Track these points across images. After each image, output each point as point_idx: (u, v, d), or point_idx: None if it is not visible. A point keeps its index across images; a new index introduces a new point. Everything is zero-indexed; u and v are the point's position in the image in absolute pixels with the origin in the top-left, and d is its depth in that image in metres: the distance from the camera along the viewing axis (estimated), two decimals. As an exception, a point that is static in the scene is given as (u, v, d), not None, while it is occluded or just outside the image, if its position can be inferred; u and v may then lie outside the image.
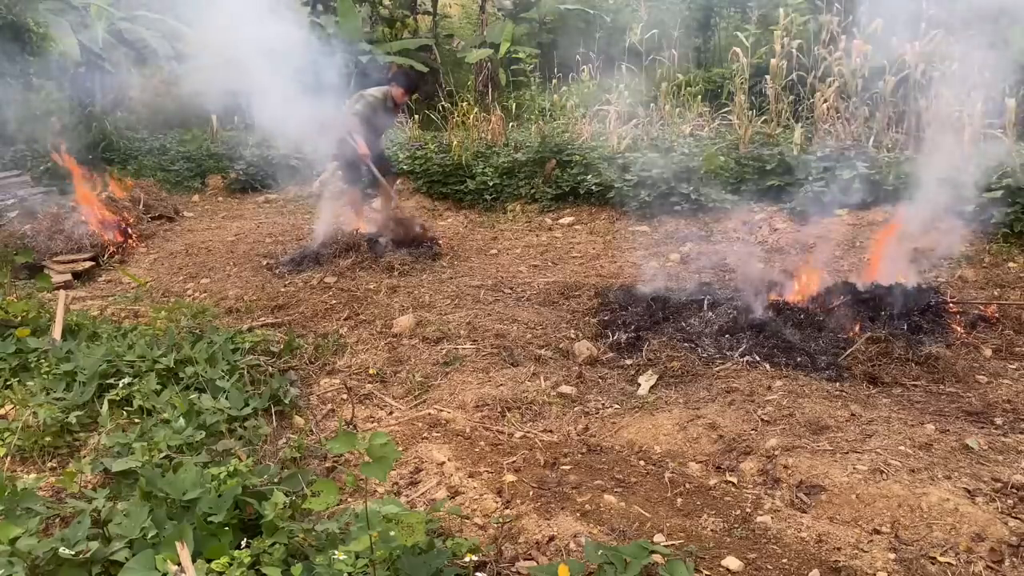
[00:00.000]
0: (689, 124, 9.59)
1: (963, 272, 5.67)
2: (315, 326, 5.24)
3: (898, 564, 2.63)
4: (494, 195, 8.94)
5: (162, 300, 5.97)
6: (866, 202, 7.11)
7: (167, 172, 10.72)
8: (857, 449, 3.29)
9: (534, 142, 9.29)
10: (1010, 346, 4.52)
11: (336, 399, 4.21)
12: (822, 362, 4.29)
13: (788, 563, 2.67)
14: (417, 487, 3.29)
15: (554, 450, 3.57)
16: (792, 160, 7.66)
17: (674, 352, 4.53)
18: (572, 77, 12.42)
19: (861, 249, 6.33)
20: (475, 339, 4.83)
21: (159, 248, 7.80)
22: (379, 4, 15.40)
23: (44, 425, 3.60)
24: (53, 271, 6.76)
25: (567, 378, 4.32)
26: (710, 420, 3.66)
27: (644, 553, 2.44)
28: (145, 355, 4.15)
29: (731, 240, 7.14)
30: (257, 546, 2.39)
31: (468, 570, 2.45)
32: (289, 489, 2.88)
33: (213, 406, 3.66)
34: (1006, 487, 2.99)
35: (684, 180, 7.86)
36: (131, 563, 2.29)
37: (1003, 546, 2.67)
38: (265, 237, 7.94)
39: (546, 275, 6.34)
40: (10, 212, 8.04)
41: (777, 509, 3.01)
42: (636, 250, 7.00)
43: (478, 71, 14.07)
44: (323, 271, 6.38)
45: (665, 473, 3.32)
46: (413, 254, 6.69)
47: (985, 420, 3.67)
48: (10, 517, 2.52)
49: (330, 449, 2.36)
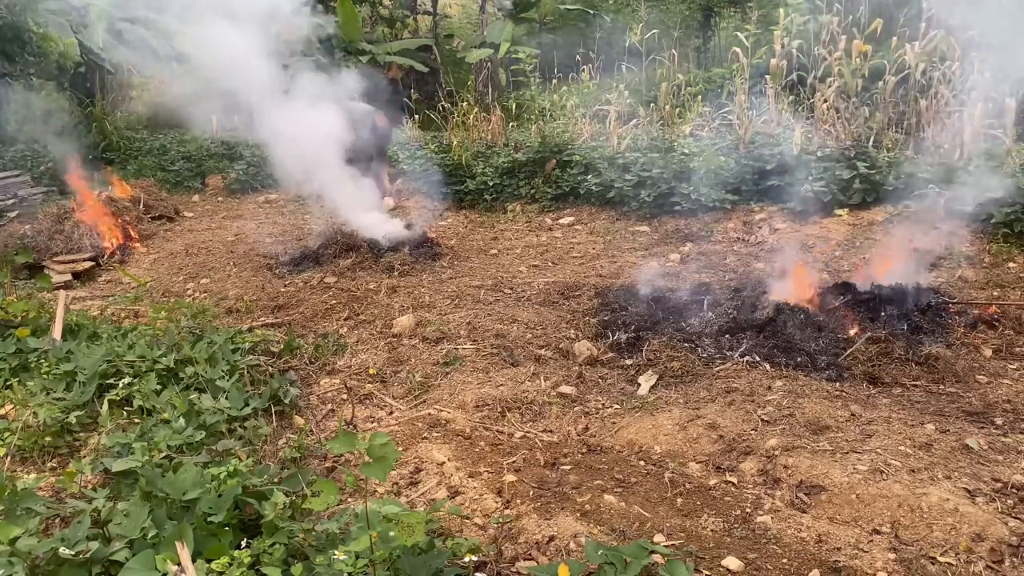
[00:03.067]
0: (689, 124, 9.59)
1: (963, 272, 5.66)
2: (315, 326, 5.25)
3: (898, 564, 2.63)
4: (494, 195, 8.94)
5: (162, 300, 5.97)
6: (866, 202, 7.11)
7: (167, 172, 10.72)
8: (857, 449, 3.29)
9: (534, 142, 9.29)
10: (1010, 346, 4.52)
11: (336, 399, 4.21)
12: (822, 362, 4.29)
13: (788, 563, 2.67)
14: (417, 487, 3.29)
15: (554, 450, 3.57)
16: (792, 160, 7.66)
17: (674, 352, 4.53)
18: (572, 77, 12.42)
19: (861, 249, 6.33)
20: (475, 339, 4.83)
21: (159, 248, 7.80)
22: (379, 4, 15.40)
23: (44, 425, 3.60)
24: (53, 271, 6.76)
25: (567, 378, 4.32)
26: (710, 420, 3.66)
27: (644, 553, 2.44)
28: (145, 355, 4.15)
29: (731, 240, 7.13)
30: (257, 546, 2.39)
31: (468, 570, 2.45)
32: (289, 489, 2.89)
33: (213, 406, 3.66)
34: (1006, 487, 2.99)
35: (684, 180, 7.86)
36: (131, 563, 2.29)
37: (1003, 546, 2.67)
38: (265, 237, 7.94)
39: (546, 275, 6.34)
40: (10, 212, 8.04)
41: (777, 509, 3.00)
42: (636, 250, 7.00)
43: (478, 71, 14.06)
44: (323, 271, 6.38)
45: (665, 473, 3.32)
46: (413, 254, 6.69)
47: (985, 420, 3.67)
48: (10, 517, 2.52)
49: (330, 449, 2.36)
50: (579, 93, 11.57)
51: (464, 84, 12.06)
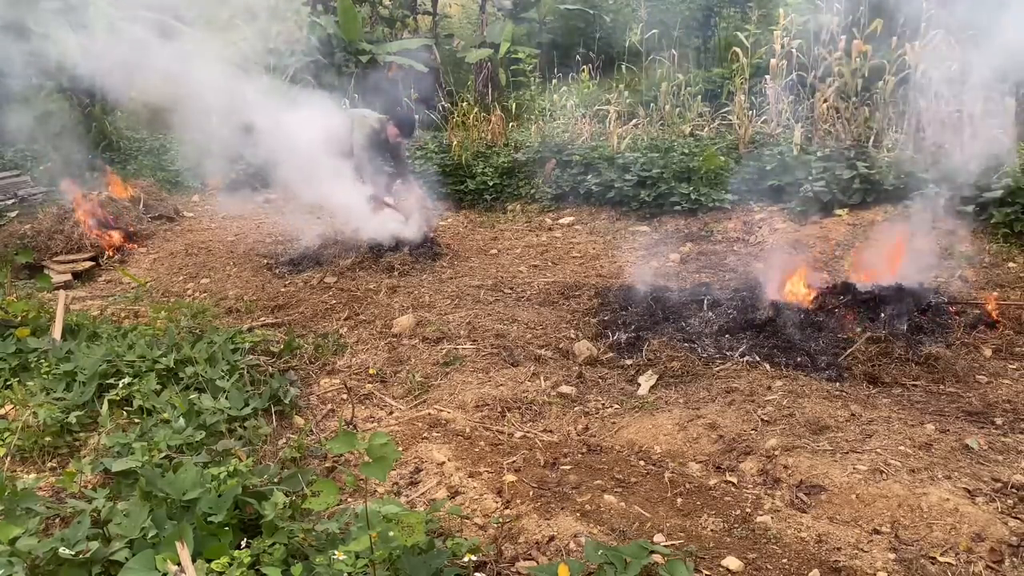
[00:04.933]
0: (689, 124, 9.59)
1: (963, 272, 5.66)
2: (315, 326, 5.24)
3: (898, 564, 2.63)
4: (494, 195, 8.93)
5: (162, 300, 5.96)
6: (866, 202, 7.11)
7: (167, 172, 10.72)
8: (857, 449, 3.29)
9: (534, 142, 9.29)
10: (1010, 346, 4.52)
11: (336, 399, 4.21)
12: (822, 362, 4.30)
13: (788, 563, 2.67)
14: (417, 487, 3.29)
15: (554, 450, 3.57)
16: (792, 160, 7.66)
17: (674, 352, 4.53)
18: (572, 77, 12.41)
19: (861, 249, 6.33)
20: (475, 339, 4.83)
21: (159, 248, 7.80)
22: (379, 4, 15.40)
23: (44, 425, 3.60)
24: (53, 271, 6.76)
25: (567, 378, 4.32)
26: (710, 420, 3.66)
27: (644, 553, 2.44)
28: (145, 355, 4.14)
29: (731, 240, 7.14)
30: (257, 546, 2.39)
31: (468, 570, 2.46)
32: (289, 489, 2.88)
33: (213, 406, 3.66)
34: (1006, 487, 2.99)
35: (684, 180, 7.86)
36: (131, 563, 2.29)
37: (1003, 546, 2.67)
38: (265, 237, 7.93)
39: (546, 275, 6.34)
40: (10, 212, 8.04)
41: (777, 509, 3.00)
42: (636, 250, 7.00)
43: (478, 71, 14.05)
44: (323, 271, 6.38)
45: (665, 473, 3.32)
46: (413, 254, 6.69)
47: (985, 420, 3.67)
48: (10, 517, 2.52)
49: (330, 449, 2.36)
50: (579, 93, 11.56)
51: (464, 84, 12.06)
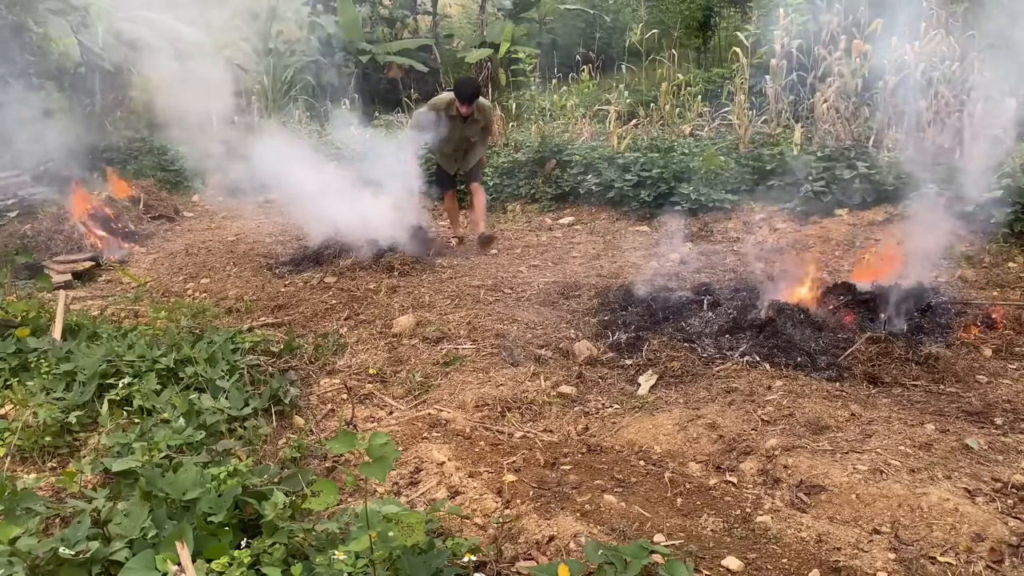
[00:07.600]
0: (689, 124, 9.60)
1: (963, 272, 5.67)
2: (315, 326, 5.24)
3: (898, 564, 2.63)
4: (494, 195, 8.94)
5: (162, 300, 5.96)
6: (866, 202, 7.11)
7: (167, 172, 10.72)
8: (857, 449, 3.29)
9: (534, 142, 9.29)
10: (1010, 346, 4.52)
11: (336, 399, 4.21)
12: (822, 362, 4.29)
13: (788, 563, 2.67)
14: (417, 487, 3.29)
15: (554, 450, 3.57)
16: (792, 160, 7.66)
17: (674, 352, 4.53)
18: (572, 77, 12.42)
19: (861, 249, 6.33)
20: (475, 339, 4.83)
21: (159, 248, 7.80)
22: (379, 4, 15.40)
23: (44, 425, 3.60)
24: (53, 271, 6.76)
25: (567, 378, 4.32)
26: (710, 420, 3.66)
27: (644, 553, 2.44)
28: (145, 355, 4.14)
29: (731, 240, 7.14)
30: (257, 546, 2.39)
31: (468, 570, 2.45)
32: (289, 489, 2.88)
33: (213, 406, 3.66)
34: (1006, 487, 2.99)
35: (684, 180, 7.86)
36: (131, 563, 2.29)
37: (1003, 546, 2.67)
38: (265, 237, 7.94)
39: (546, 275, 6.34)
40: (10, 212, 8.04)
41: (777, 509, 3.00)
42: (636, 250, 7.00)
43: (478, 71, 14.07)
44: (323, 271, 6.38)
45: (665, 473, 3.32)
46: (413, 254, 6.69)
47: (985, 420, 3.67)
48: (10, 517, 2.52)
49: (330, 449, 2.36)
50: (579, 93, 11.56)
51: (464, 84, 12.03)
